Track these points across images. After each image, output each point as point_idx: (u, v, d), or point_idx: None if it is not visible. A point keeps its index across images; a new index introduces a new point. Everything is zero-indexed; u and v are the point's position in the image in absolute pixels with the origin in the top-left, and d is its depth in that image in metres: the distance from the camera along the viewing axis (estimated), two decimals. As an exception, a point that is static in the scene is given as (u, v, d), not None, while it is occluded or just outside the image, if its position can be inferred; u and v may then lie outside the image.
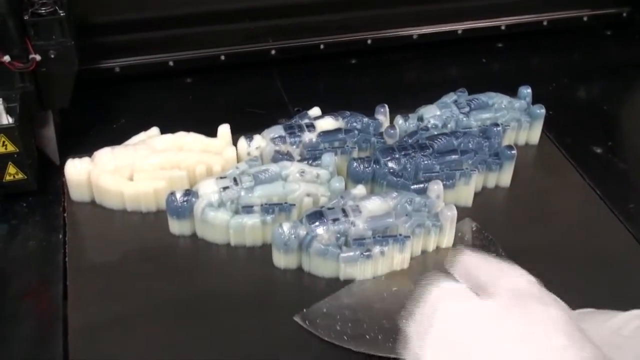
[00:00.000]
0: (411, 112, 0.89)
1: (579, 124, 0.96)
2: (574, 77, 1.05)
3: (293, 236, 0.72)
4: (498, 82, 1.01)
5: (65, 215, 0.80)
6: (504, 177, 0.84)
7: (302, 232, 0.72)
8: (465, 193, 0.82)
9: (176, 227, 0.77)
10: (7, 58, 0.76)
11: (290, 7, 1.01)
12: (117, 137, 0.88)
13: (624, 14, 1.12)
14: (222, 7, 0.99)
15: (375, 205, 0.74)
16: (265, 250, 0.76)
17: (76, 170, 0.80)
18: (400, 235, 0.73)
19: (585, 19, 1.11)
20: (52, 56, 0.80)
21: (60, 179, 0.84)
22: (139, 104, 0.98)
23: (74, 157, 0.81)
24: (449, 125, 0.86)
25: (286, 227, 0.72)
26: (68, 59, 0.81)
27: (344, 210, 0.73)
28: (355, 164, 0.80)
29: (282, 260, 0.74)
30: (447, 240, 0.77)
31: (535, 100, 0.90)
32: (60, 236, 0.78)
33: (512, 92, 0.92)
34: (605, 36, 1.14)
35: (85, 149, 0.86)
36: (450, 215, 0.75)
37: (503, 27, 1.08)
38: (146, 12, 0.97)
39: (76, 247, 0.76)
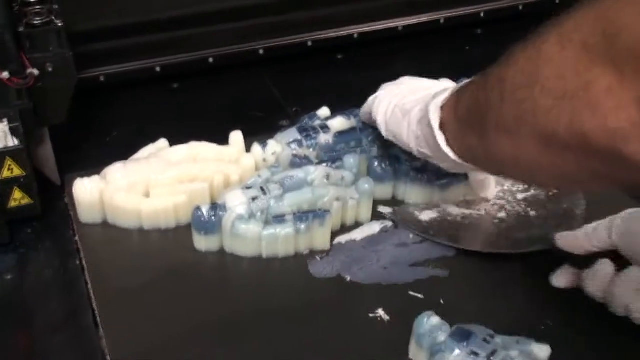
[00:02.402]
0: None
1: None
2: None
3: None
4: (485, 67, 1.00)
5: (77, 238, 0.75)
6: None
7: None
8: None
9: (203, 242, 0.73)
10: (6, 74, 0.70)
11: (275, 4, 0.98)
12: (113, 151, 0.84)
13: (593, -4, 1.15)
14: (206, 8, 0.95)
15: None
16: (298, 259, 0.74)
17: (86, 190, 0.75)
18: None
19: (557, 1, 1.13)
20: (50, 69, 0.74)
21: (62, 200, 0.79)
22: (128, 113, 0.92)
23: (81, 176, 0.76)
24: (458, 118, 0.86)
25: None
26: (66, 72, 0.75)
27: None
28: (376, 163, 0.79)
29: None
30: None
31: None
32: (77, 261, 0.73)
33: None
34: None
35: (83, 166, 0.81)
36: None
37: (482, 14, 1.09)
38: (129, 17, 0.92)
39: (97, 272, 0.72)
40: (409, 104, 0.72)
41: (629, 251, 0.66)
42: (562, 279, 0.70)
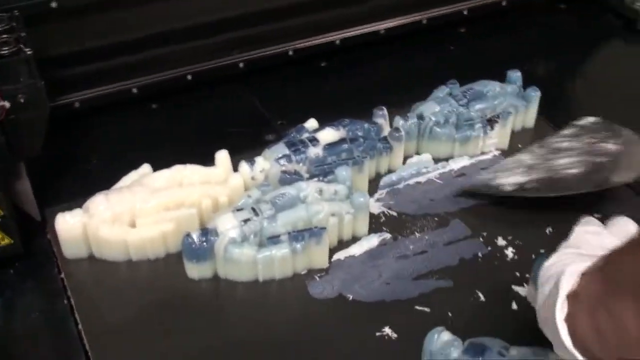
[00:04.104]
0: (396, 108, 0.86)
1: (565, 101, 0.96)
2: (544, 54, 1.05)
3: None
4: (471, 66, 0.99)
5: (63, 276, 0.71)
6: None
7: None
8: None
9: (195, 271, 0.70)
10: (-26, 110, 0.67)
11: (252, 15, 0.95)
12: (95, 179, 0.80)
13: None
14: (181, 25, 0.91)
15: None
16: (296, 281, 0.71)
17: (69, 225, 0.71)
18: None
19: (539, -4, 1.11)
20: (22, 100, 0.70)
21: (45, 237, 0.75)
22: (107, 139, 0.89)
23: (63, 210, 0.72)
24: (450, 120, 0.83)
25: None
26: (39, 102, 0.71)
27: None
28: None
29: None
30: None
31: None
32: (65, 301, 0.69)
33: (488, 75, 0.90)
34: (560, 10, 1.14)
35: (64, 198, 0.78)
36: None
37: (465, 12, 1.06)
38: (100, 39, 0.88)
39: (86, 310, 0.68)
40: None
41: None
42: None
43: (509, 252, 0.74)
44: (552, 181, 0.79)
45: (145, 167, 0.77)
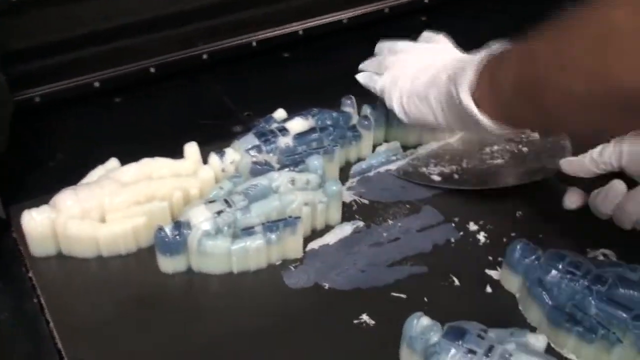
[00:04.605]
0: (362, 96, 0.86)
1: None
2: (505, 39, 1.06)
3: None
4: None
5: (31, 275, 0.70)
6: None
7: None
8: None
9: (169, 265, 0.69)
10: None
11: (214, 6, 0.94)
12: (59, 176, 0.78)
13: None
14: (142, 17, 0.90)
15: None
16: (271, 272, 0.70)
17: (35, 222, 0.69)
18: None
19: (499, -16, 1.12)
20: (-18, 96, 0.69)
21: (10, 235, 0.73)
22: (71, 134, 0.87)
23: (28, 207, 0.70)
24: (418, 107, 0.84)
25: None
26: (2, 98, 0.70)
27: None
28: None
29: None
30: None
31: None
32: (35, 300, 0.67)
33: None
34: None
35: (29, 195, 0.76)
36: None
37: (426, 0, 1.06)
38: (60, 32, 0.86)
39: (57, 309, 0.66)
40: (422, 88, 0.71)
41: (636, 172, 0.73)
42: (572, 199, 0.75)
43: (481, 236, 0.74)
44: (480, 172, 0.81)
45: (113, 162, 0.75)
